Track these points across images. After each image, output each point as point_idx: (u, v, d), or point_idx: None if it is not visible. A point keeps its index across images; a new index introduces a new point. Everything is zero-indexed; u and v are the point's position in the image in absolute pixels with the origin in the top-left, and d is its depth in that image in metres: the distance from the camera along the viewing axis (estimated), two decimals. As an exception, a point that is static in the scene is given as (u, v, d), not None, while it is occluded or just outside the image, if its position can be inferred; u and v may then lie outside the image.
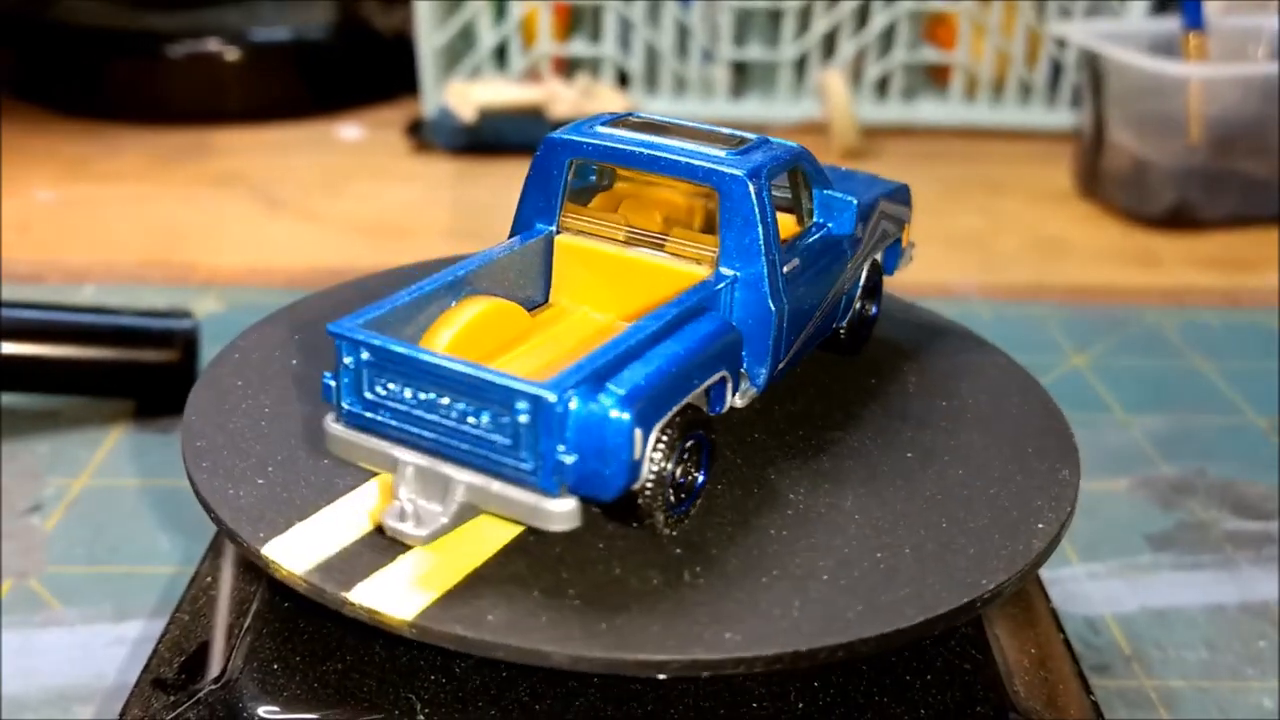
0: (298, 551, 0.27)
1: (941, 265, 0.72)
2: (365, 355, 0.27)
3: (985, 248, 0.76)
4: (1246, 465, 0.52)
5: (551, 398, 0.25)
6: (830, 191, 0.34)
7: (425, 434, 0.26)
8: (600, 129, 0.32)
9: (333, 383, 0.27)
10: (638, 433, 0.25)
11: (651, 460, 0.26)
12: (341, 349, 0.27)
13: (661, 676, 0.26)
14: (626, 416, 0.25)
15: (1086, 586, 0.44)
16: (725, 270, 0.30)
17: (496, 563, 0.27)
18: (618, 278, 0.32)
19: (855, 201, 0.34)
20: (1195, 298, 0.69)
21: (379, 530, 0.27)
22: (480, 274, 0.31)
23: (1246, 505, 0.49)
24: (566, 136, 0.32)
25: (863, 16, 0.94)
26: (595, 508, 0.27)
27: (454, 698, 0.28)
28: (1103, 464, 0.51)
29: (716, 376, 0.29)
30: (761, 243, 0.30)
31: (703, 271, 0.31)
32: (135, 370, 0.51)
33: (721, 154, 0.31)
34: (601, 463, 0.25)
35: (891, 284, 0.38)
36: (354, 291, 0.40)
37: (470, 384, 0.25)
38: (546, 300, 0.33)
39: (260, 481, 0.29)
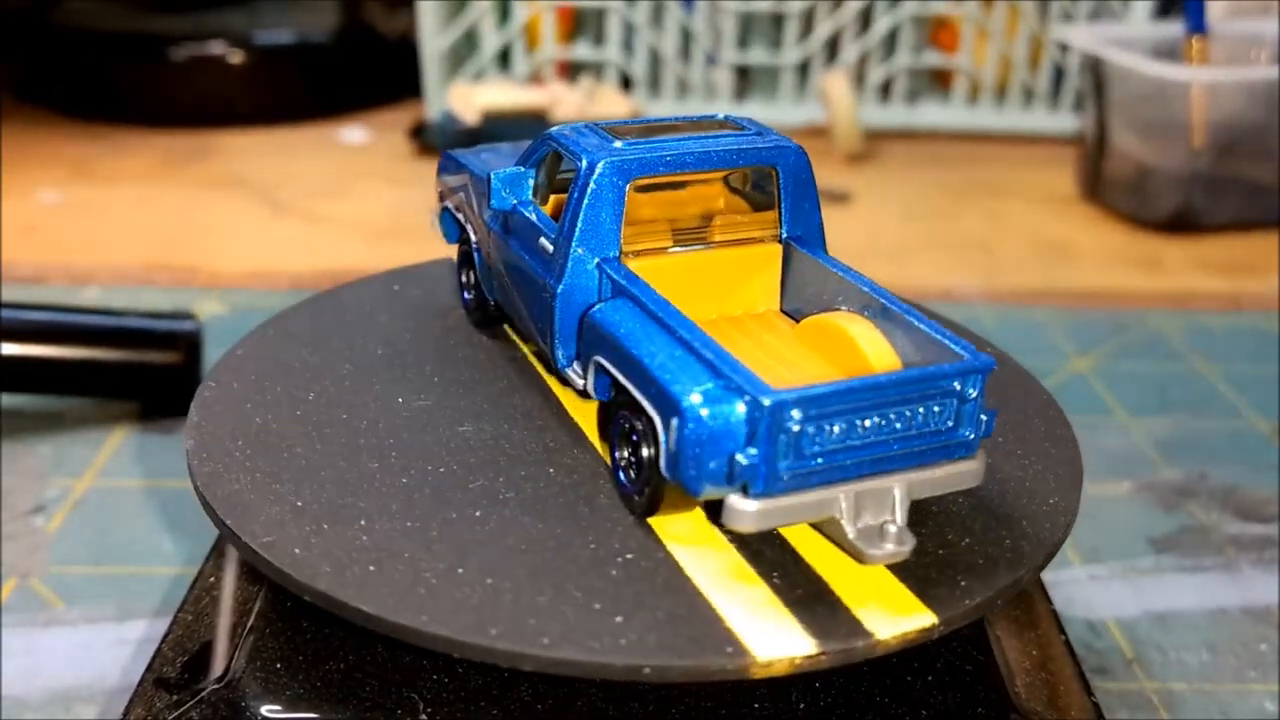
0: (774, 639, 0.26)
1: (945, 269, 0.72)
2: (815, 410, 0.26)
3: (988, 252, 0.76)
4: (1248, 469, 0.52)
5: (994, 368, 0.27)
6: None
7: (863, 458, 0.27)
8: (627, 144, 0.31)
9: (751, 459, 0.26)
10: None
11: None
12: (787, 411, 0.26)
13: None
14: None
15: (1088, 589, 0.44)
16: (791, 235, 0.33)
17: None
18: (694, 280, 0.32)
19: None
20: (1198, 301, 0.69)
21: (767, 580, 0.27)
22: None
23: (1248, 508, 0.49)
24: (622, 159, 0.31)
25: (866, 20, 0.95)
26: None
27: (456, 697, 0.28)
28: (1105, 467, 0.51)
29: None
30: (818, 201, 0.33)
31: (768, 248, 0.33)
32: (138, 372, 0.51)
33: (757, 135, 0.33)
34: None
35: (895, 287, 0.38)
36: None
37: (925, 385, 0.27)
38: None
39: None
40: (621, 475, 0.29)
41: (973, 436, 0.28)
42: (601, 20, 0.95)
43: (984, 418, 0.28)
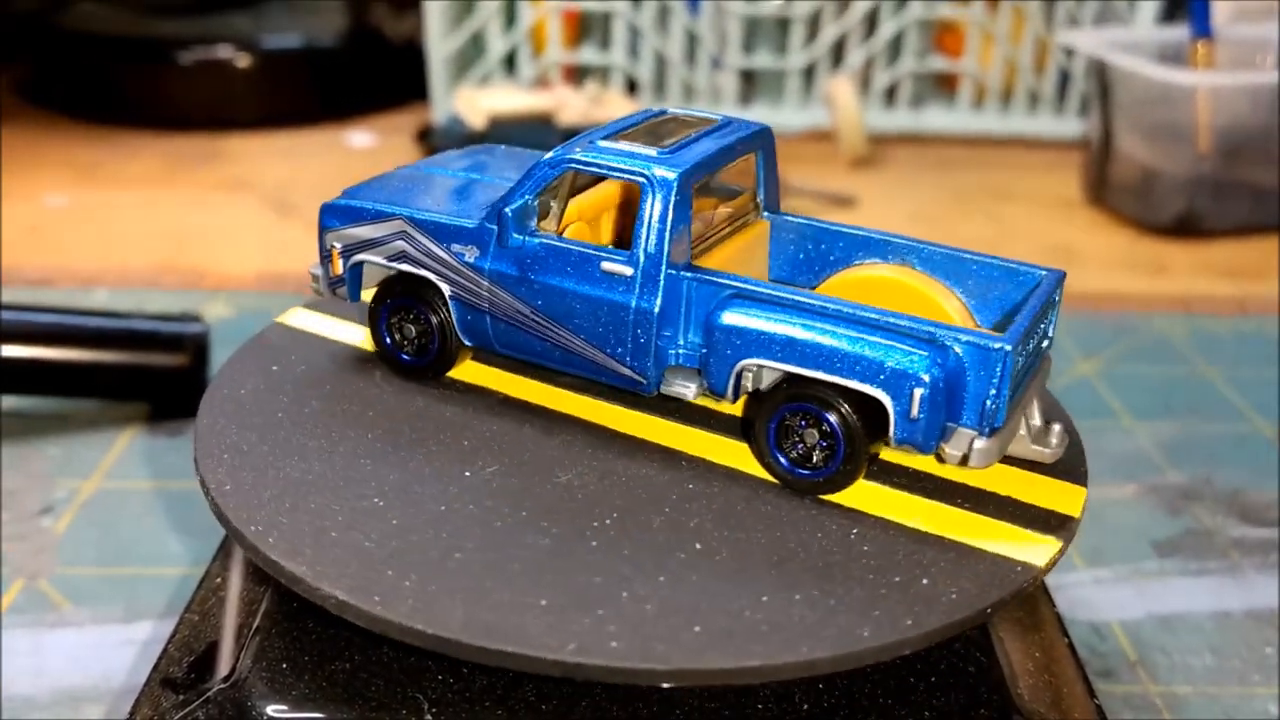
0: (1027, 549, 0.28)
1: (949, 272, 0.72)
2: (1023, 345, 0.29)
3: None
4: (1253, 472, 0.52)
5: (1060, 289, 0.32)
6: None
7: (1022, 376, 0.30)
8: (663, 152, 0.31)
9: (995, 401, 0.28)
10: None
11: None
12: (1014, 352, 0.28)
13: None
14: None
15: (1092, 592, 0.44)
16: (769, 209, 0.36)
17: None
18: (726, 268, 0.32)
19: None
20: (1203, 305, 0.69)
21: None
22: None
23: (1253, 512, 0.49)
24: (683, 168, 0.31)
25: (871, 24, 0.95)
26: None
27: (461, 698, 0.28)
28: (1110, 470, 0.51)
29: None
30: (777, 175, 0.36)
31: (762, 224, 0.35)
32: (146, 374, 0.52)
33: (742, 122, 0.35)
34: None
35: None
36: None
37: (1049, 299, 0.32)
38: None
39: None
40: (800, 469, 0.30)
41: (1053, 334, 0.32)
42: (607, 24, 0.95)
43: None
